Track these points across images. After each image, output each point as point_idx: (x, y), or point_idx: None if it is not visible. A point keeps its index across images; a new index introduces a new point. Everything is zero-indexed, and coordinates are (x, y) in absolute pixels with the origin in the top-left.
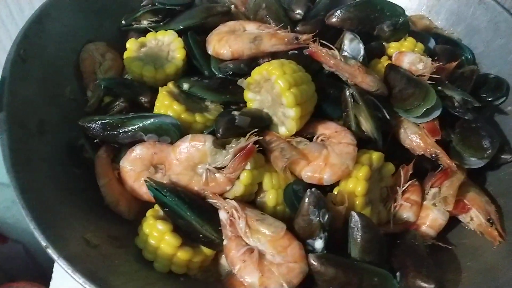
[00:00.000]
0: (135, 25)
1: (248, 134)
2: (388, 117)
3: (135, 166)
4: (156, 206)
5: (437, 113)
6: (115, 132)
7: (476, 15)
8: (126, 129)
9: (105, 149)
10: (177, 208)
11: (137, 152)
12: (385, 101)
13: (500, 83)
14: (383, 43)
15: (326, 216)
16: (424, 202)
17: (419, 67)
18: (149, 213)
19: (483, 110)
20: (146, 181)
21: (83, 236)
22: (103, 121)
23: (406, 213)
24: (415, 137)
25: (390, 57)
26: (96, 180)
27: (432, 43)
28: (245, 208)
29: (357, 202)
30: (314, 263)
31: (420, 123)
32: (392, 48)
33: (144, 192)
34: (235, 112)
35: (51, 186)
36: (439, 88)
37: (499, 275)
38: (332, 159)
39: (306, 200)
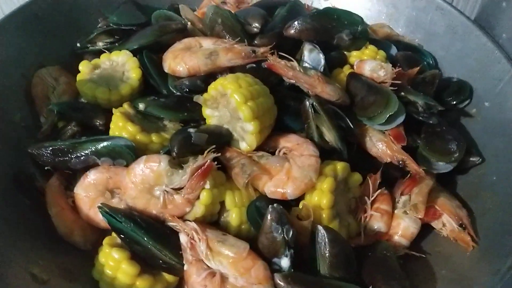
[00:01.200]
0: (90, 47)
1: (206, 152)
2: (351, 126)
3: (90, 192)
4: (114, 234)
5: (401, 119)
6: (67, 158)
7: (434, 21)
8: (78, 154)
9: (57, 176)
10: (134, 234)
11: (91, 177)
12: (348, 110)
13: (463, 86)
14: (344, 52)
15: (291, 233)
16: (395, 211)
17: (381, 74)
18: (105, 241)
19: (448, 113)
20: (99, 206)
21: (29, 271)
22: (53, 147)
23: (377, 223)
24: (381, 144)
25: (352, 66)
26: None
27: (393, 50)
28: (205, 229)
29: (323, 216)
30: (280, 283)
31: (385, 130)
32: (354, 56)
33: (100, 219)
34: (191, 130)
35: None
36: (402, 94)
37: (473, 283)
38: (294, 172)
39: (268, 216)
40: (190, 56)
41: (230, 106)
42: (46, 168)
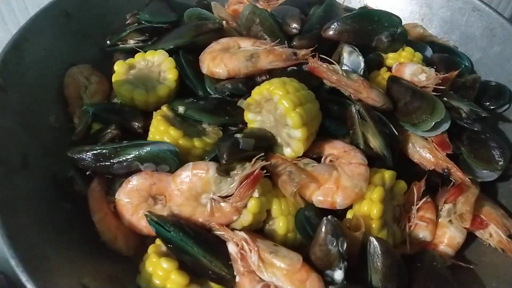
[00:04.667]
0: (121, 45)
1: (254, 159)
2: (396, 133)
3: (132, 198)
4: (158, 241)
5: (446, 126)
6: (109, 163)
7: (470, 22)
8: (120, 159)
9: (98, 181)
10: (183, 243)
11: (134, 183)
12: (390, 116)
13: (502, 90)
14: (381, 54)
15: (345, 245)
16: (439, 220)
17: (422, 78)
18: (150, 249)
19: (486, 119)
20: (146, 215)
21: (80, 281)
22: (94, 152)
23: (422, 232)
24: (424, 151)
25: (389, 69)
26: (89, 214)
27: (429, 52)
28: (255, 239)
29: (373, 226)
30: None
31: (428, 136)
32: (390, 59)
33: (143, 226)
34: (238, 135)
35: (39, 228)
36: (445, 99)
37: None
38: (344, 182)
39: (323, 229)
40: (230, 58)
41: (277, 112)
42: (87, 173)
